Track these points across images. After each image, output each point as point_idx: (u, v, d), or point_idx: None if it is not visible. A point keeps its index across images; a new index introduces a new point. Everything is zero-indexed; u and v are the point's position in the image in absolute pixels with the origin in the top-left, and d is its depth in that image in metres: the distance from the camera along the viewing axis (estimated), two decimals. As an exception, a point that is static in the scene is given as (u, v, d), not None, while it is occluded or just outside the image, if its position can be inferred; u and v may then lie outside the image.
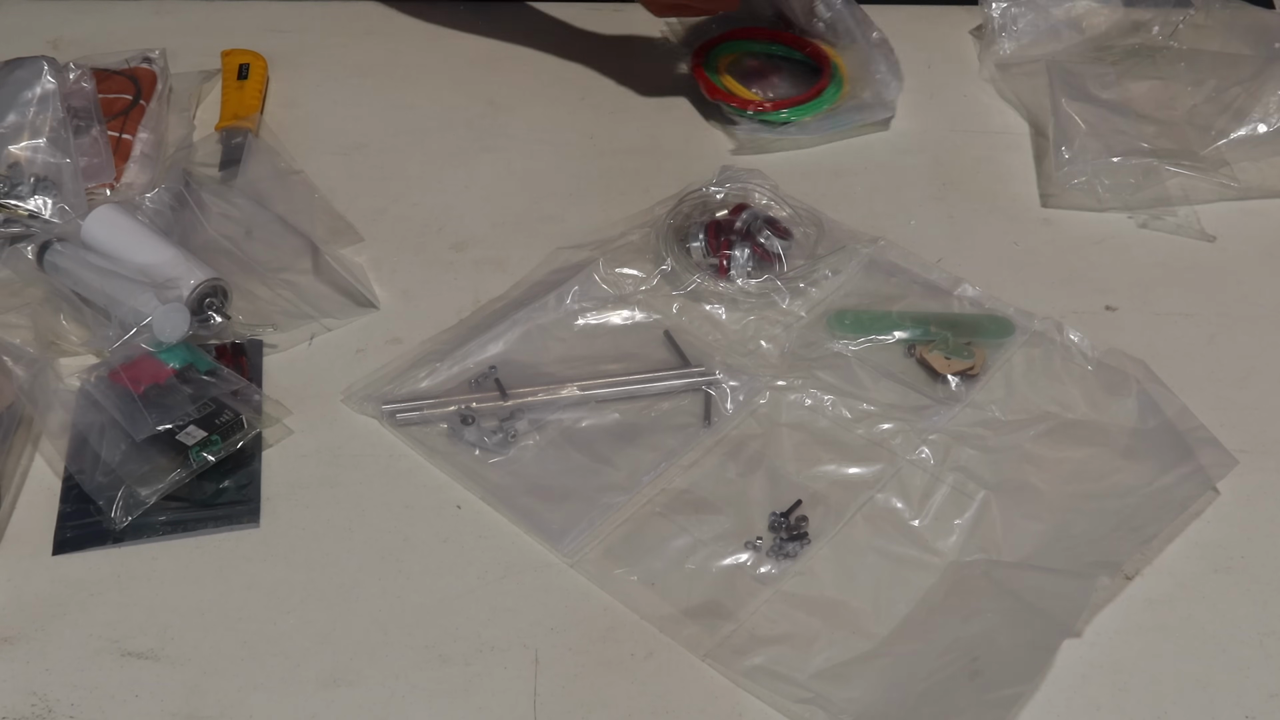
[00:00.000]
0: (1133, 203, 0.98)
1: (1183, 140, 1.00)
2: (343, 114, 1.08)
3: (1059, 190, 0.99)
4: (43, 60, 0.96)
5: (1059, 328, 0.85)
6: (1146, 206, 0.97)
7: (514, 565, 0.73)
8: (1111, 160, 0.98)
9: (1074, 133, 1.00)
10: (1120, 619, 0.70)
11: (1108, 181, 0.98)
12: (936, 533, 0.74)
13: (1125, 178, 0.98)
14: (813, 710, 0.65)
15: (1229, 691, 0.66)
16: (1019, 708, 0.65)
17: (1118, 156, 0.98)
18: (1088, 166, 0.98)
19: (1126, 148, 0.99)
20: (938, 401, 0.81)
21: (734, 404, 0.81)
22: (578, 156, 1.04)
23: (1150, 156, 0.99)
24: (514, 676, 0.67)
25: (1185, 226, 0.96)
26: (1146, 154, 0.99)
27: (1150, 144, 1.00)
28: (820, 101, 1.06)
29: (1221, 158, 0.99)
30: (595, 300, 0.88)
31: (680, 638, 0.69)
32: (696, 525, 0.74)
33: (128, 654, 0.68)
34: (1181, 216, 0.97)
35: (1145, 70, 1.09)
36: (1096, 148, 0.99)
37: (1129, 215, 0.97)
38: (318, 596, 0.71)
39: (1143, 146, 0.99)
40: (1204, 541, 0.74)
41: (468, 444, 0.79)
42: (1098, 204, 0.98)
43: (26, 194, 0.91)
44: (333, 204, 0.97)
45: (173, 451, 0.75)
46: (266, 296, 0.87)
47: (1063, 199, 0.99)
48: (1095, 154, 0.98)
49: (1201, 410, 0.79)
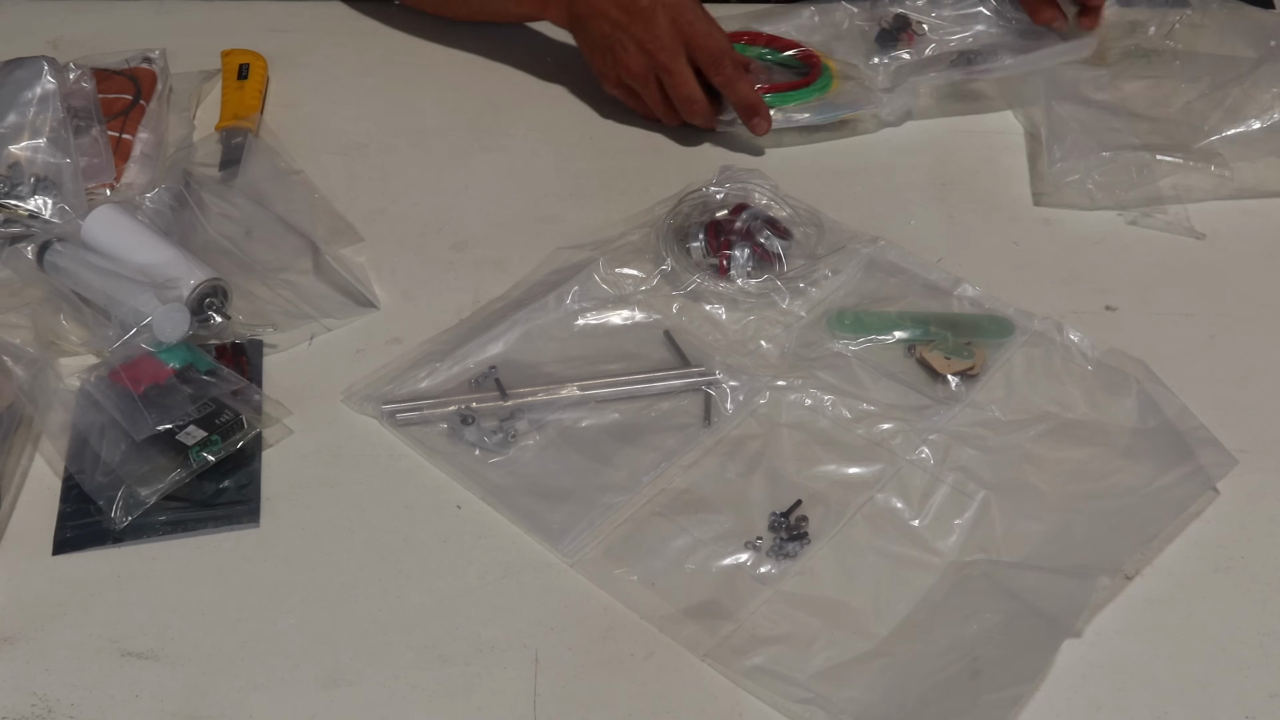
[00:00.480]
0: (1125, 200, 0.97)
1: (1176, 136, 1.00)
2: (343, 114, 1.08)
3: (1052, 188, 0.99)
4: (43, 60, 0.96)
5: (1059, 328, 0.85)
6: (1138, 204, 0.97)
7: (514, 565, 0.73)
8: (1103, 155, 0.98)
9: (1066, 131, 1.00)
10: (1120, 619, 0.70)
11: (1100, 179, 0.98)
12: (936, 533, 0.74)
13: (1117, 174, 0.98)
14: (813, 710, 0.65)
15: (1229, 691, 0.66)
16: (1019, 708, 0.65)
17: (1109, 151, 0.98)
18: (1080, 163, 0.98)
19: (1118, 143, 0.99)
20: (938, 401, 0.81)
21: (734, 404, 0.81)
22: (578, 156, 1.04)
23: (1141, 150, 0.98)
24: (514, 676, 0.67)
25: (1175, 224, 0.96)
26: (1138, 149, 0.99)
27: (1142, 140, 1.00)
28: (810, 90, 1.06)
29: (1214, 152, 0.98)
30: (595, 300, 0.88)
31: (680, 638, 0.69)
32: (696, 525, 0.74)
33: (128, 654, 0.68)
34: (1172, 214, 0.96)
35: (1140, 70, 1.08)
36: (1088, 144, 0.99)
37: (1120, 213, 0.97)
38: (317, 596, 0.71)
39: (1134, 142, 0.99)
40: (1204, 541, 0.74)
41: (468, 444, 0.79)
42: (1090, 202, 0.98)
43: (26, 194, 0.91)
44: (333, 204, 0.97)
45: (173, 451, 0.75)
46: (266, 296, 0.87)
47: (1055, 197, 0.99)
48: (1087, 150, 0.98)
49: (1201, 410, 0.79)
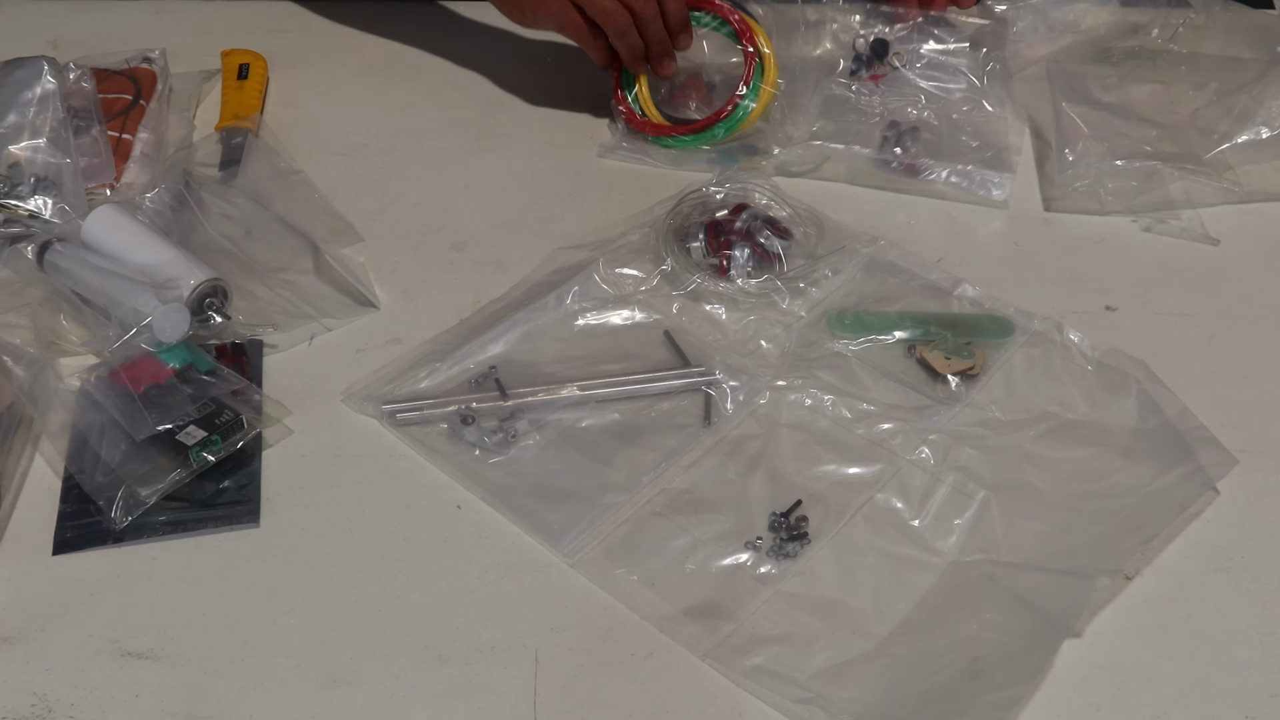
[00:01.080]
0: (1136, 206, 0.97)
1: (1186, 144, 1.00)
2: (343, 114, 1.08)
3: (1062, 194, 0.98)
4: (43, 60, 0.96)
5: (1059, 328, 0.85)
6: (1149, 210, 0.97)
7: (514, 565, 0.73)
8: (1115, 163, 0.98)
9: (1076, 136, 1.00)
10: (1120, 619, 0.70)
11: (1111, 185, 0.97)
12: (936, 533, 0.74)
13: (1128, 181, 0.98)
14: (812, 710, 0.65)
15: (1229, 691, 0.66)
16: (1019, 708, 0.65)
17: (1121, 160, 0.98)
18: (1091, 170, 0.98)
19: (1130, 151, 0.99)
20: (938, 401, 0.81)
21: (734, 404, 0.81)
22: (578, 156, 1.04)
23: (1153, 160, 0.98)
24: (514, 676, 0.67)
25: (1189, 230, 0.96)
26: (1149, 157, 0.98)
27: (1153, 147, 0.99)
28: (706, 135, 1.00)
29: (1225, 161, 0.98)
30: (595, 300, 0.88)
31: (680, 638, 0.69)
32: (696, 525, 0.74)
33: (128, 654, 0.68)
34: (1185, 220, 0.96)
35: (1146, 73, 1.08)
36: (1099, 150, 0.98)
37: (1133, 219, 0.97)
38: (317, 596, 0.71)
39: (1145, 150, 0.99)
40: (1204, 541, 0.74)
41: (468, 444, 0.79)
42: (1100, 207, 0.98)
43: (26, 194, 0.91)
44: (333, 204, 0.97)
45: (173, 451, 0.75)
46: (266, 296, 0.87)
47: (1066, 202, 0.98)
48: (1098, 157, 0.98)
49: (1201, 410, 0.79)
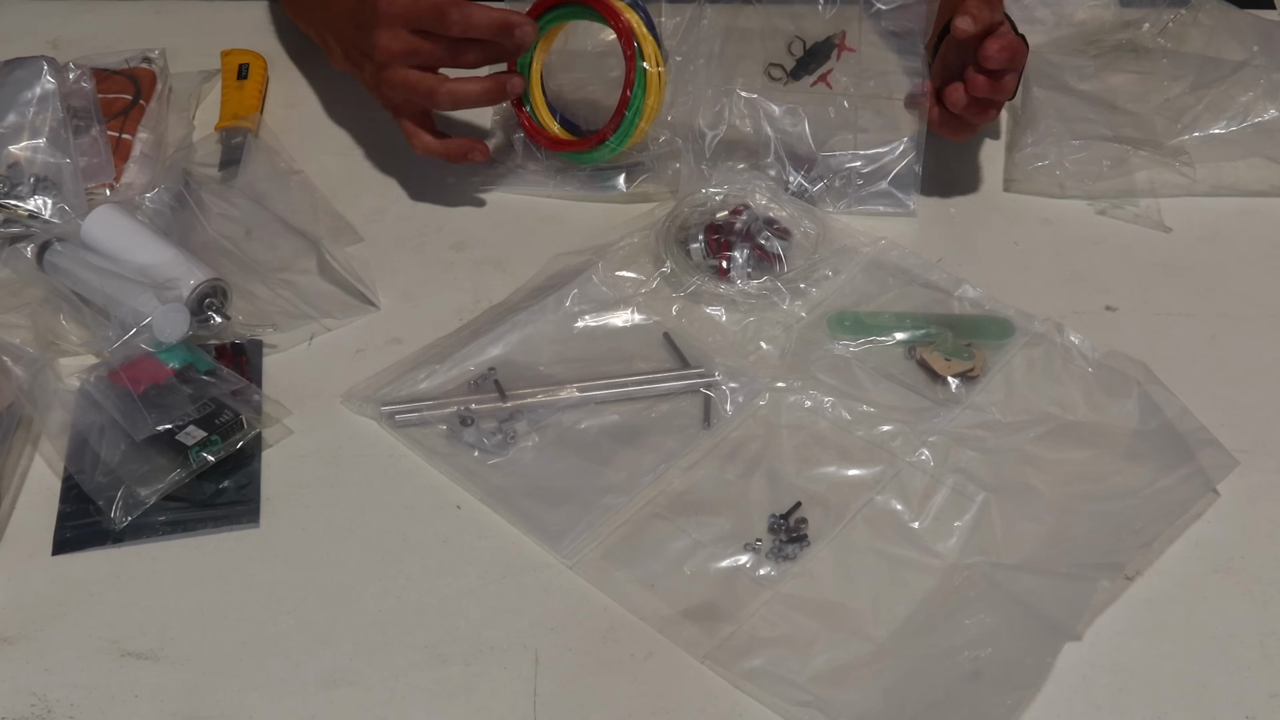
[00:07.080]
0: (1094, 191, 0.97)
1: (1149, 130, 1.00)
2: (343, 114, 1.08)
3: (1021, 175, 0.98)
4: (43, 60, 0.96)
5: (1059, 329, 0.85)
6: (1108, 196, 0.97)
7: (514, 566, 0.73)
8: (1073, 144, 0.97)
9: (1041, 116, 0.99)
10: (1121, 620, 0.70)
11: (1070, 167, 0.97)
12: (936, 535, 0.74)
13: (1088, 164, 0.98)
14: (812, 713, 0.65)
15: (1229, 691, 0.66)
16: (1020, 711, 0.65)
17: (1079, 140, 0.98)
18: (1050, 149, 0.97)
19: (1091, 133, 0.99)
20: (938, 403, 0.81)
21: (734, 406, 0.81)
22: (578, 157, 1.04)
23: (1112, 142, 0.98)
24: (514, 677, 0.67)
25: (1144, 216, 0.96)
26: (1109, 140, 0.98)
27: (1114, 132, 0.99)
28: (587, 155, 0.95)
29: (1184, 149, 0.98)
30: (595, 302, 0.88)
31: (679, 639, 0.69)
32: (696, 527, 0.74)
33: (128, 654, 0.68)
34: (1143, 207, 0.96)
35: (1126, 64, 1.08)
36: (1061, 131, 0.98)
37: (1089, 203, 0.97)
38: (317, 596, 0.71)
39: (1106, 133, 0.99)
40: (1204, 542, 0.74)
41: (467, 445, 0.79)
42: (1059, 190, 0.97)
43: (26, 194, 0.91)
44: (333, 204, 0.97)
45: (172, 451, 0.75)
46: (266, 296, 0.87)
47: (1025, 184, 0.98)
48: (1058, 137, 0.98)
49: (1202, 411, 0.79)
